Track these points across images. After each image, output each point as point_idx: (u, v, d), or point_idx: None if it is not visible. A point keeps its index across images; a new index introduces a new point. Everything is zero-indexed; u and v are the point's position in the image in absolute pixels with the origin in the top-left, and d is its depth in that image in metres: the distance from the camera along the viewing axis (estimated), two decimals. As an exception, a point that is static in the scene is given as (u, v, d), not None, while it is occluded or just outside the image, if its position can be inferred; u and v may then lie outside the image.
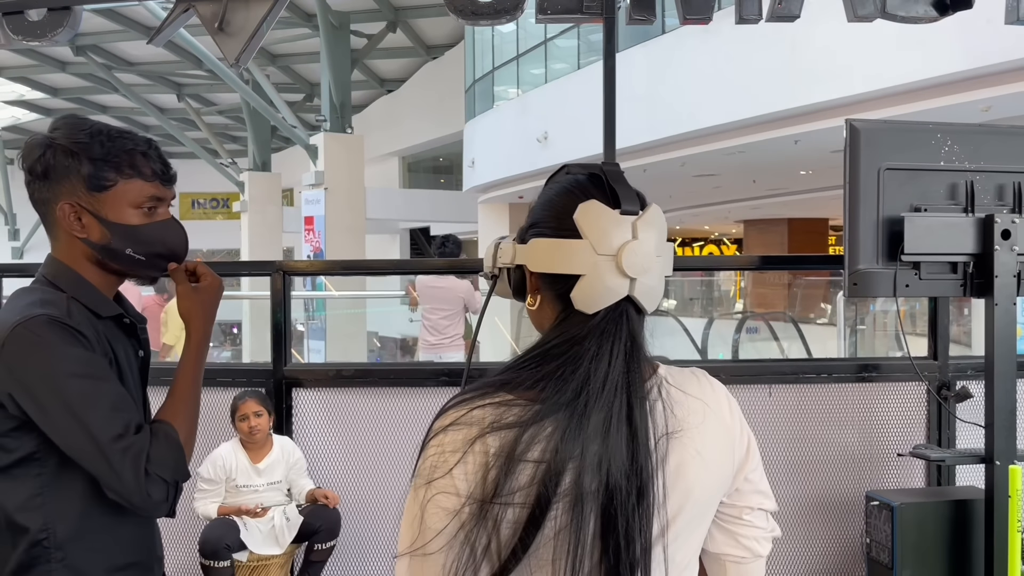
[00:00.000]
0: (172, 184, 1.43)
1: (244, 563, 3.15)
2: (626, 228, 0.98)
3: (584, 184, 1.02)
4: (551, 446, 0.90)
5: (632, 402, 0.94)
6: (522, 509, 0.89)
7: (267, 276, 3.40)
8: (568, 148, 12.11)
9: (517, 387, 0.95)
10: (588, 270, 0.96)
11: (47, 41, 3.47)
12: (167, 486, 1.30)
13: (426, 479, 0.94)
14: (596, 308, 0.97)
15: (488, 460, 0.91)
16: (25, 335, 1.27)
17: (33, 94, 21.02)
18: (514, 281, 1.05)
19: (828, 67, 7.76)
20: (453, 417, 0.95)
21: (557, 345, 0.96)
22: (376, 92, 20.93)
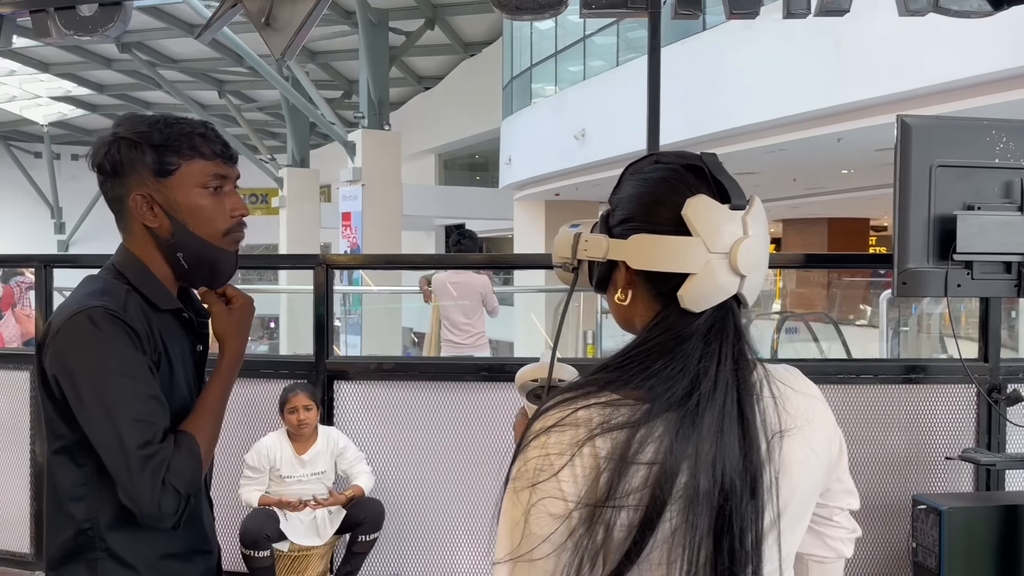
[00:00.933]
0: (234, 163, 1.45)
1: (285, 553, 3.18)
2: (737, 224, 0.94)
3: (686, 177, 0.97)
4: (664, 447, 0.87)
5: (743, 400, 0.92)
6: (636, 511, 0.87)
7: (310, 270, 3.43)
8: (606, 145, 12.08)
9: (623, 386, 0.91)
10: (700, 269, 0.93)
11: (98, 36, 3.53)
12: (179, 498, 1.30)
13: (529, 482, 0.90)
14: (705, 307, 0.94)
15: (598, 463, 0.87)
16: (78, 325, 1.30)
17: (79, 90, 21.47)
18: (599, 274, 1.01)
19: (874, 63, 7.62)
20: (556, 418, 0.91)
21: (662, 343, 0.93)
22: (413, 89, 21.02)
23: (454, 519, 3.37)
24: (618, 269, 0.99)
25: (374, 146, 13.43)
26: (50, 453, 1.38)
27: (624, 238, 0.97)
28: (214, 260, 1.43)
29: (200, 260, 1.42)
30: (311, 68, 17.61)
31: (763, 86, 9.03)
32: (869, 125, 8.14)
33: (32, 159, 28.08)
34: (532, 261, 5.83)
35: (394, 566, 3.40)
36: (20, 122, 25.54)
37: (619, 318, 1.03)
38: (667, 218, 0.95)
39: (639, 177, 1.01)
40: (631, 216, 0.98)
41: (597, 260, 1.00)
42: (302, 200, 18.42)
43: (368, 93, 13.53)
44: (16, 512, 3.68)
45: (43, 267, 3.67)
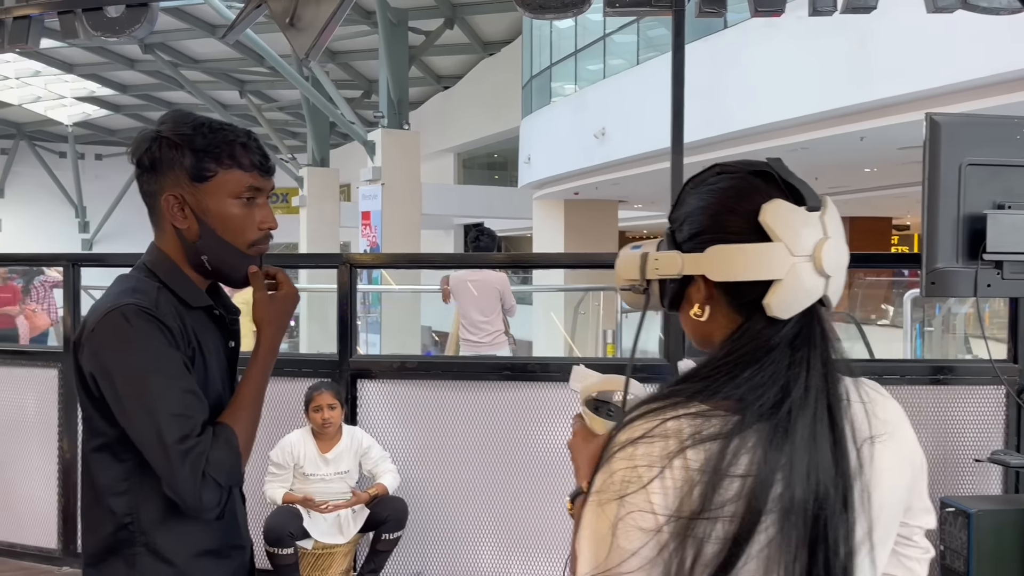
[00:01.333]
0: (271, 175, 1.45)
1: (309, 551, 3.20)
2: (816, 225, 0.92)
3: (755, 182, 0.95)
4: (757, 457, 0.86)
5: (833, 407, 0.90)
6: (730, 523, 0.84)
7: (333, 269, 3.45)
8: (626, 144, 12.04)
9: (711, 396, 0.89)
10: (785, 274, 0.91)
11: (125, 37, 3.57)
12: (221, 490, 1.31)
13: (616, 495, 0.87)
14: (793, 312, 0.92)
15: (691, 475, 0.85)
16: (113, 322, 1.31)
17: (103, 90, 21.69)
18: (672, 292, 1.00)
19: (900, 60, 7.54)
20: (644, 429, 0.89)
21: (749, 352, 0.91)
22: (433, 89, 21.06)
23: (477, 518, 3.38)
24: (693, 285, 0.98)
25: (393, 145, 13.45)
26: (89, 450, 1.39)
27: (699, 251, 0.95)
28: (236, 267, 1.44)
29: (223, 264, 1.43)
30: (331, 68, 17.68)
31: (785, 84, 8.97)
32: (893, 123, 8.06)
33: (57, 159, 28.39)
34: (552, 260, 5.86)
35: (417, 564, 3.41)
36: (45, 122, 25.83)
37: (695, 334, 1.01)
38: (743, 226, 0.93)
39: (704, 189, 0.99)
40: (703, 228, 0.96)
41: (671, 278, 0.98)
42: (322, 199, 18.49)
43: (388, 92, 13.57)
44: (44, 508, 3.73)
45: (71, 266, 3.71)
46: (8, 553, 3.80)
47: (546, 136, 15.04)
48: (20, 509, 3.77)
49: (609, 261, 5.29)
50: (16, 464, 3.77)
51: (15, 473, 3.78)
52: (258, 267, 1.46)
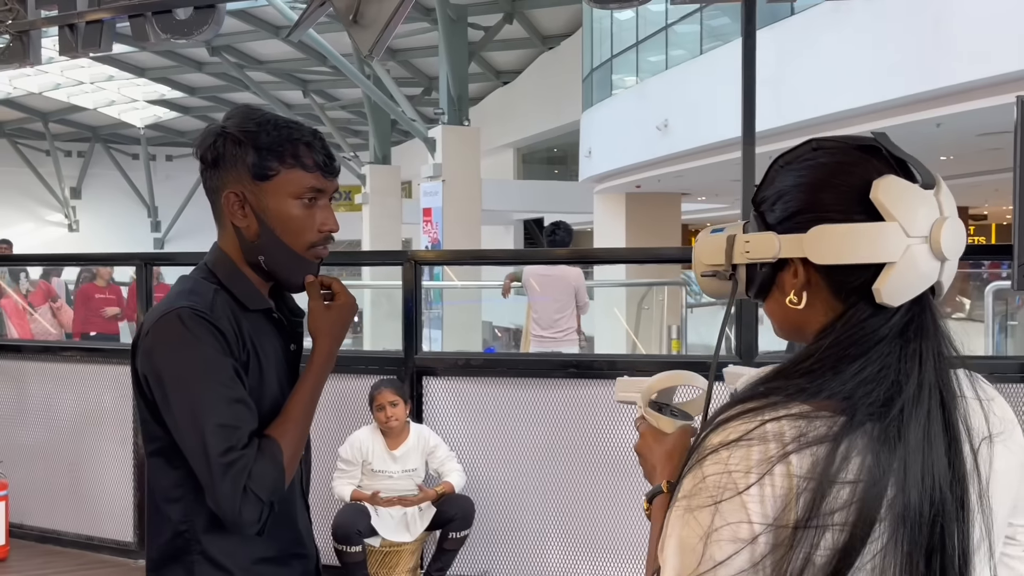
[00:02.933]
0: (334, 176, 1.40)
1: (376, 548, 3.21)
2: (932, 204, 0.84)
3: (859, 157, 0.86)
4: (868, 462, 0.78)
5: (948, 405, 0.82)
6: (841, 532, 0.77)
7: (399, 266, 3.44)
8: (689, 135, 11.84)
9: (813, 395, 0.81)
10: (899, 256, 0.82)
11: (193, 38, 3.62)
12: (262, 506, 1.27)
13: (709, 502, 0.80)
14: (905, 299, 0.83)
15: (794, 482, 0.78)
16: (167, 325, 1.30)
17: (173, 93, 22.31)
18: (763, 278, 0.91)
19: (978, 42, 7.22)
20: (740, 431, 0.81)
21: (854, 345, 0.83)
22: (492, 84, 21.07)
23: (544, 518, 3.34)
24: (787, 270, 0.89)
25: (454, 142, 13.49)
26: (148, 454, 1.38)
27: (799, 232, 0.86)
28: (293, 270, 1.40)
29: (280, 267, 1.39)
30: (392, 66, 17.84)
31: (856, 71, 8.68)
32: (972, 108, 7.72)
33: (130, 160, 29.32)
34: (614, 256, 5.77)
35: (484, 564, 3.38)
36: (119, 125, 26.70)
37: (786, 324, 0.92)
38: (849, 204, 0.84)
39: (801, 165, 0.90)
40: (803, 207, 0.87)
41: (764, 261, 0.89)
42: (384, 196, 18.68)
43: (448, 89, 13.61)
44: (121, 502, 3.82)
45: (143, 265, 3.79)
46: (86, 546, 3.91)
47: (607, 129, 14.89)
48: (98, 503, 3.88)
49: (672, 255, 5.22)
50: (94, 459, 3.88)
51: (93, 468, 3.88)
52: (315, 276, 1.42)
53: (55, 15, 3.84)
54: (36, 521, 4.02)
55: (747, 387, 0.87)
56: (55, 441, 3.97)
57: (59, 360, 4.04)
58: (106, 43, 3.78)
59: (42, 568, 3.77)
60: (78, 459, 3.91)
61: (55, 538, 3.98)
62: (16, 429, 4.04)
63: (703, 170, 12.69)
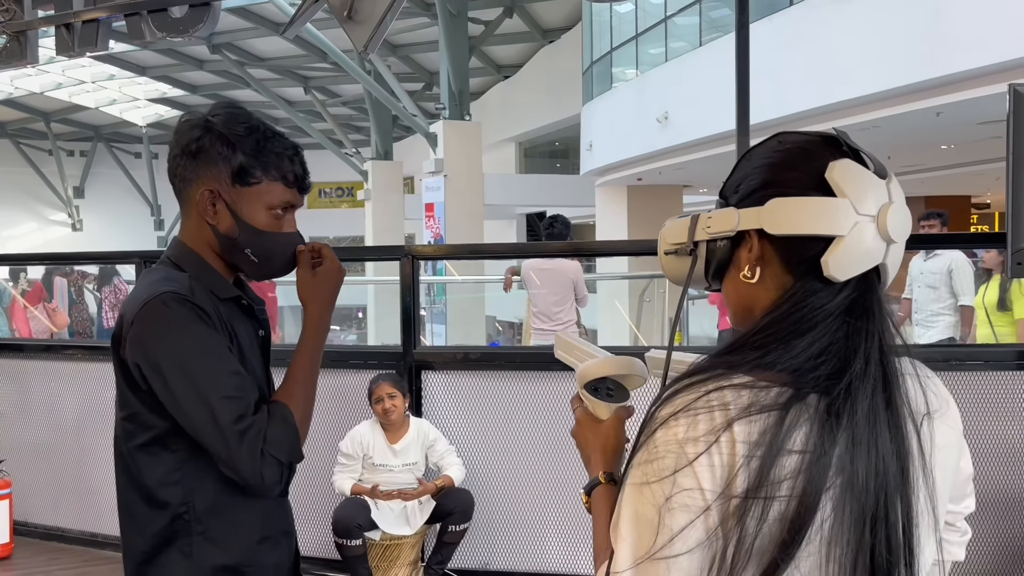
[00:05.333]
0: (306, 193, 1.46)
1: (377, 542, 3.23)
2: (882, 189, 0.89)
3: (820, 145, 0.93)
4: (814, 432, 0.81)
5: (890, 381, 0.86)
6: (789, 502, 0.79)
7: (397, 260, 3.45)
8: (690, 127, 11.82)
9: (755, 367, 0.84)
10: (847, 231, 0.87)
11: (188, 36, 3.63)
12: (281, 467, 1.31)
13: (658, 475, 0.82)
14: (851, 274, 0.87)
15: (741, 450, 0.80)
16: (153, 311, 1.31)
17: (174, 91, 22.33)
18: (722, 254, 0.94)
19: (979, 31, 7.20)
20: (686, 401, 0.84)
21: (803, 319, 0.86)
22: (493, 78, 21.04)
23: (544, 510, 3.35)
24: (744, 246, 0.93)
25: (455, 137, 13.49)
26: (135, 447, 1.37)
27: (759, 205, 0.91)
28: (281, 251, 1.43)
29: (271, 253, 1.42)
30: (392, 61, 17.82)
31: (855, 60, 8.65)
32: (972, 97, 7.69)
33: (132, 159, 29.36)
34: (615, 248, 5.78)
35: (484, 556, 3.40)
36: (120, 124, 26.72)
37: (738, 303, 0.95)
38: (804, 182, 0.90)
39: (766, 152, 0.96)
40: (762, 183, 0.93)
41: (724, 235, 0.93)
42: (387, 192, 18.68)
43: (448, 84, 13.59)
44: (123, 498, 3.84)
45: (143, 263, 3.81)
46: (90, 543, 3.94)
47: (608, 122, 14.87)
48: (101, 500, 3.90)
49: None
50: (97, 456, 3.90)
51: (96, 465, 3.90)
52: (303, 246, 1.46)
53: (51, 15, 3.86)
54: (40, 519, 4.05)
55: (699, 361, 0.90)
56: (58, 439, 3.99)
57: (61, 359, 4.07)
58: (103, 42, 3.79)
59: (46, 565, 3.80)
60: (81, 457, 3.94)
61: (59, 535, 4.01)
62: (19, 428, 4.07)
63: (704, 162, 12.67)
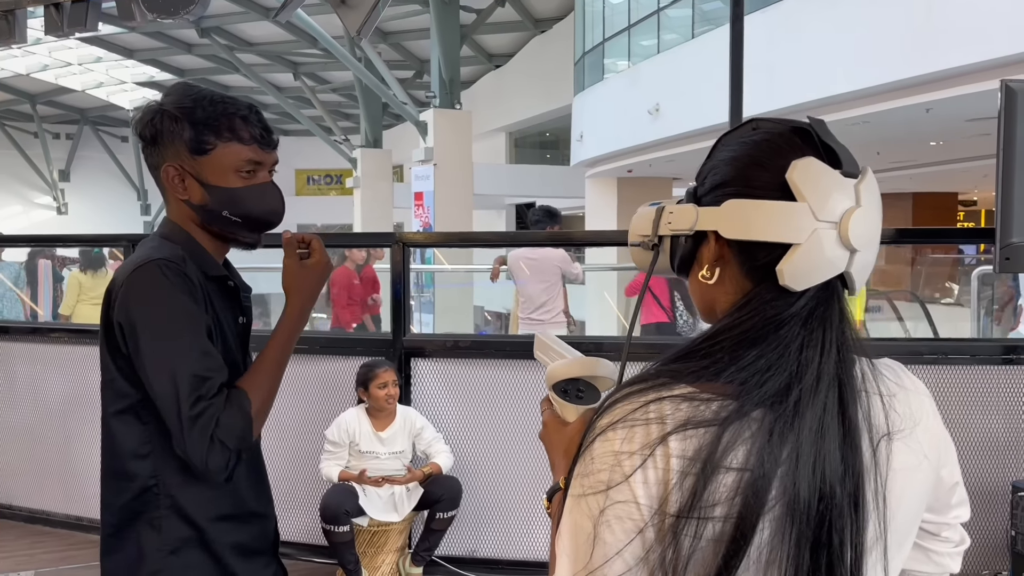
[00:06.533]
0: (272, 148, 1.44)
1: (364, 528, 3.23)
2: (849, 192, 0.83)
3: (791, 139, 0.86)
4: (756, 449, 0.76)
5: (845, 397, 0.80)
6: (725, 523, 0.75)
7: (387, 247, 3.44)
8: (680, 120, 11.83)
9: (700, 378, 0.80)
10: (804, 239, 0.81)
11: (179, 18, 3.60)
12: (228, 454, 1.30)
13: (595, 487, 0.78)
14: (808, 284, 0.82)
15: (676, 465, 0.76)
16: (145, 274, 1.33)
17: (162, 75, 22.13)
18: (684, 251, 0.89)
19: (970, 28, 7.23)
20: (624, 412, 0.79)
21: (753, 328, 0.81)
22: (484, 67, 20.98)
23: (531, 497, 3.36)
24: (706, 243, 0.88)
25: (445, 125, 13.45)
26: (111, 416, 1.39)
27: (716, 205, 0.86)
28: (260, 196, 1.42)
29: (251, 206, 1.41)
30: (383, 48, 17.73)
31: (847, 55, 8.68)
32: (962, 94, 7.74)
33: (119, 143, 29.13)
34: (603, 239, 5.79)
35: (471, 543, 3.41)
36: (107, 107, 26.49)
37: (700, 301, 0.92)
38: (768, 182, 0.83)
39: (736, 142, 0.90)
40: (725, 181, 0.87)
41: (683, 233, 0.89)
42: (376, 180, 18.63)
43: (439, 72, 13.55)
44: (109, 482, 3.83)
45: (131, 246, 3.78)
46: (75, 526, 3.92)
47: (599, 113, 14.87)
48: (86, 484, 3.88)
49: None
50: (82, 440, 3.88)
51: (82, 449, 3.88)
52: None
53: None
54: (24, 502, 4.03)
55: (645, 369, 0.85)
56: (43, 422, 3.97)
57: (47, 341, 4.04)
58: (92, 22, 3.76)
59: (30, 548, 3.78)
60: (67, 440, 3.92)
61: (44, 519, 3.99)
62: (4, 410, 4.04)
63: (695, 154, 12.67)
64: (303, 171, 28.22)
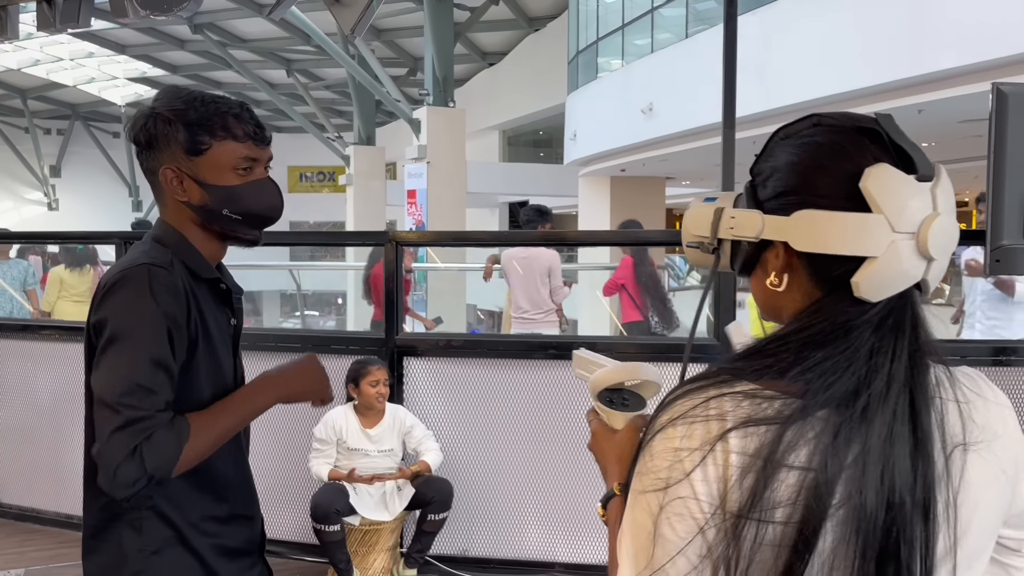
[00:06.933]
0: (266, 144, 1.45)
1: (356, 527, 3.22)
2: (926, 198, 0.79)
3: (858, 141, 0.81)
4: (820, 449, 0.73)
5: (918, 404, 0.77)
6: (785, 527, 0.73)
7: (380, 246, 3.44)
8: (674, 119, 11.85)
9: (762, 376, 0.78)
10: (882, 251, 0.78)
11: (173, 15, 3.58)
12: (143, 473, 1.23)
13: (655, 484, 0.77)
14: (884, 296, 0.79)
15: (736, 462, 0.74)
16: (124, 281, 1.32)
17: (154, 71, 22.03)
18: (746, 256, 0.87)
19: (960, 30, 7.27)
20: (684, 408, 0.78)
21: (822, 332, 0.79)
22: (478, 66, 20.96)
23: (523, 497, 3.37)
24: (771, 249, 0.85)
25: (439, 123, 13.43)
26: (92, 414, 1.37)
27: (784, 214, 0.82)
28: (258, 192, 1.43)
29: (252, 202, 1.43)
30: (377, 46, 17.69)
31: (839, 56, 8.71)
32: (954, 95, 7.79)
33: (111, 139, 28.98)
34: (596, 238, 5.80)
35: (463, 543, 3.41)
36: (99, 103, 26.36)
37: (765, 305, 0.89)
38: (838, 190, 0.80)
39: (798, 142, 0.85)
40: (791, 188, 0.83)
41: (747, 240, 0.85)
42: (368, 178, 18.60)
43: (433, 70, 13.52)
44: (100, 480, 3.82)
45: (123, 243, 3.77)
46: (66, 524, 3.91)
47: (592, 112, 14.88)
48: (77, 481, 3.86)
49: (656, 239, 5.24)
50: (73, 438, 3.87)
51: (72, 446, 3.87)
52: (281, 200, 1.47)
53: (32, -11, 3.79)
54: (15, 500, 4.01)
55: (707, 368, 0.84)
56: (34, 420, 3.95)
57: (38, 339, 4.02)
58: (84, 18, 3.73)
59: (21, 546, 3.77)
60: (57, 437, 3.90)
61: (34, 516, 3.97)
62: (-6, 408, 4.02)
63: (688, 154, 12.72)
64: (296, 168, 28.15)
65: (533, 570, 3.36)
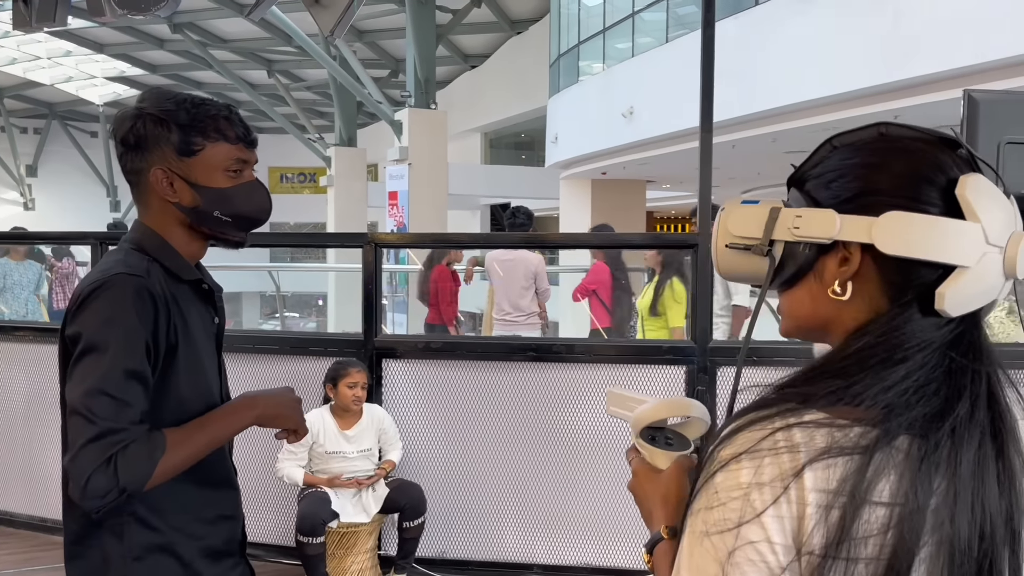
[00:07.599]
0: (254, 147, 1.46)
1: (334, 530, 3.22)
2: (1012, 214, 0.75)
3: (943, 150, 0.77)
4: (905, 483, 0.69)
5: (1001, 430, 0.74)
6: (875, 565, 0.69)
7: (359, 248, 3.44)
8: (654, 123, 11.91)
9: (834, 402, 0.73)
10: (974, 262, 0.73)
11: (151, 14, 3.56)
12: (114, 488, 1.22)
13: (721, 525, 0.71)
14: (965, 311, 0.74)
15: (814, 500, 0.69)
16: (100, 292, 1.31)
17: (133, 70, 21.84)
18: (803, 261, 0.80)
19: (936, 36, 7.36)
20: (748, 442, 0.72)
21: (899, 349, 0.73)
22: (460, 68, 20.95)
23: (501, 499, 3.37)
24: (833, 255, 0.79)
25: (420, 125, 13.42)
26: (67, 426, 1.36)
27: (871, 214, 0.76)
28: (249, 194, 1.44)
29: (242, 205, 1.43)
30: (359, 47, 17.65)
31: (817, 62, 8.79)
32: (930, 101, 7.88)
33: (88, 138, 28.69)
34: (576, 240, 5.81)
35: (441, 545, 3.41)
36: (76, 102, 26.09)
37: (812, 319, 0.82)
38: (928, 196, 0.75)
39: (870, 147, 0.80)
40: (872, 188, 0.77)
41: (815, 241, 0.78)
42: (349, 179, 18.53)
43: (415, 72, 13.51)
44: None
45: (99, 244, 3.74)
46: (39, 527, 3.86)
47: (573, 115, 14.92)
48: (50, 484, 3.83)
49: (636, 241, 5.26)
50: (46, 440, 3.83)
51: (46, 449, 3.83)
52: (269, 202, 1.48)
53: (8, -13, 3.75)
54: (-13, 503, 3.97)
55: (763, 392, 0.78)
56: (7, 422, 3.91)
57: (11, 340, 3.98)
58: (61, 17, 3.70)
59: (-7, 550, 3.72)
60: (30, 440, 3.86)
61: (7, 519, 3.93)
62: (-33, 410, 3.97)
63: (668, 158, 12.78)
64: (276, 169, 27.98)
65: (511, 571, 3.36)
